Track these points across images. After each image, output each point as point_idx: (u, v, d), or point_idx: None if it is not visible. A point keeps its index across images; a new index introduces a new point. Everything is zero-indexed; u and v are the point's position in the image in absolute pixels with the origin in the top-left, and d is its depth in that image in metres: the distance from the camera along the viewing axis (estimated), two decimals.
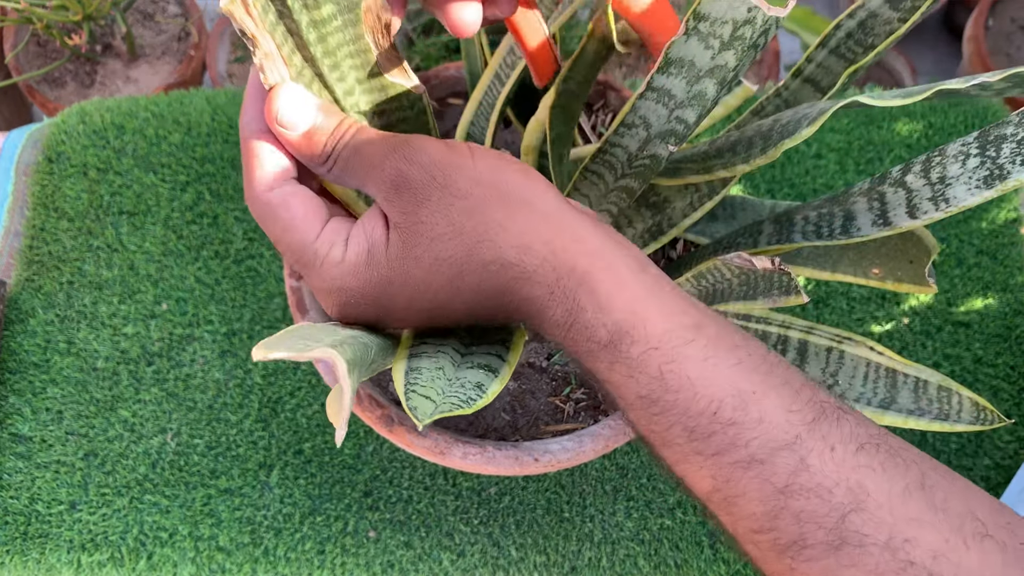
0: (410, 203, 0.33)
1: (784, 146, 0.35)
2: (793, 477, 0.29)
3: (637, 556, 0.64)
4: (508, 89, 0.49)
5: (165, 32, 1.14)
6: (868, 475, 0.29)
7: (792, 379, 0.32)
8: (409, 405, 0.31)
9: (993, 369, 0.70)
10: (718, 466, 0.30)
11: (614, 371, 0.32)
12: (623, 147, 0.40)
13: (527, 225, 0.33)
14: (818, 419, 0.30)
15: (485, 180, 0.33)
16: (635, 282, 0.32)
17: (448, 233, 0.33)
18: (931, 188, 0.35)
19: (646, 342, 0.31)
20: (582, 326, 0.32)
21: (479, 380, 0.35)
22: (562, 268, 0.32)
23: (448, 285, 0.33)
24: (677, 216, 0.45)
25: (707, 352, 0.31)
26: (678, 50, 0.34)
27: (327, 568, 0.64)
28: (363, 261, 0.34)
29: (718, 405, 0.30)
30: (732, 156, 0.39)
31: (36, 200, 0.74)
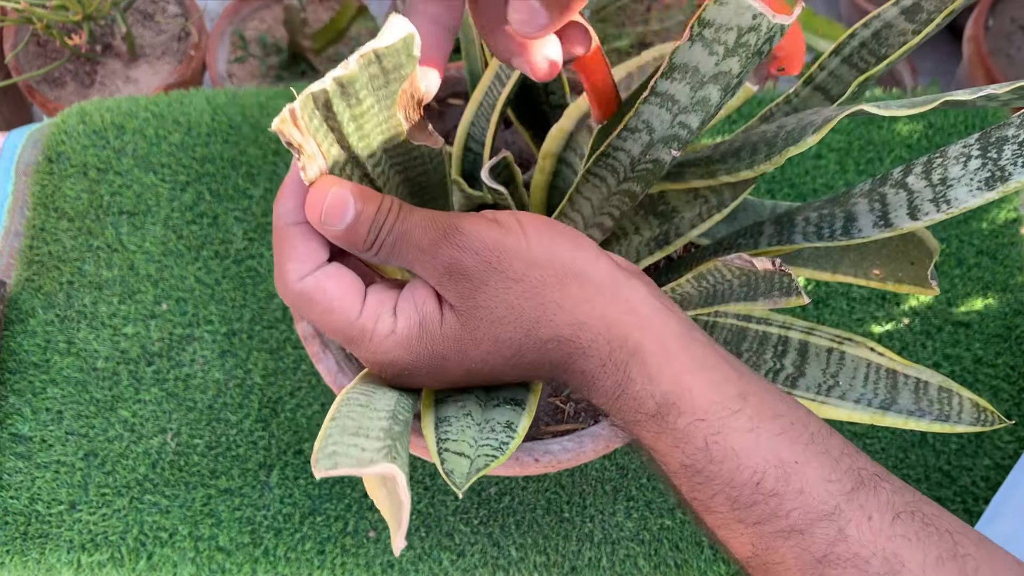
0: (466, 288, 0.33)
1: (788, 153, 0.35)
2: (831, 547, 0.30)
3: (637, 556, 0.64)
4: (509, 90, 0.49)
5: (165, 32, 1.14)
6: (904, 545, 0.30)
7: (832, 447, 0.33)
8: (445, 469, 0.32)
9: (993, 369, 0.70)
10: (758, 535, 0.31)
11: (660, 440, 0.33)
12: (626, 151, 0.40)
13: (581, 300, 0.34)
14: (856, 488, 0.31)
15: (540, 260, 0.34)
16: (683, 352, 0.33)
17: (507, 317, 0.33)
18: (932, 189, 0.35)
19: (692, 413, 0.32)
20: (631, 396, 0.33)
21: (508, 419, 0.35)
22: (615, 341, 0.33)
23: (505, 362, 0.34)
24: (685, 227, 0.45)
25: (752, 423, 0.32)
26: (682, 56, 0.34)
27: (327, 568, 0.64)
28: (415, 335, 0.34)
29: (761, 476, 0.31)
30: (736, 161, 0.39)
31: (36, 200, 0.74)
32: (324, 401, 0.68)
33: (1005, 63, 1.17)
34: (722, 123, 0.79)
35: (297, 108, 0.30)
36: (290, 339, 0.70)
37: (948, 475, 0.67)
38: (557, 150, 0.47)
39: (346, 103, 0.31)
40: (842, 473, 0.32)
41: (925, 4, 0.37)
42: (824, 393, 0.43)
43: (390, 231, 0.34)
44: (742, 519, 0.32)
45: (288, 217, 0.34)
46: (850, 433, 0.68)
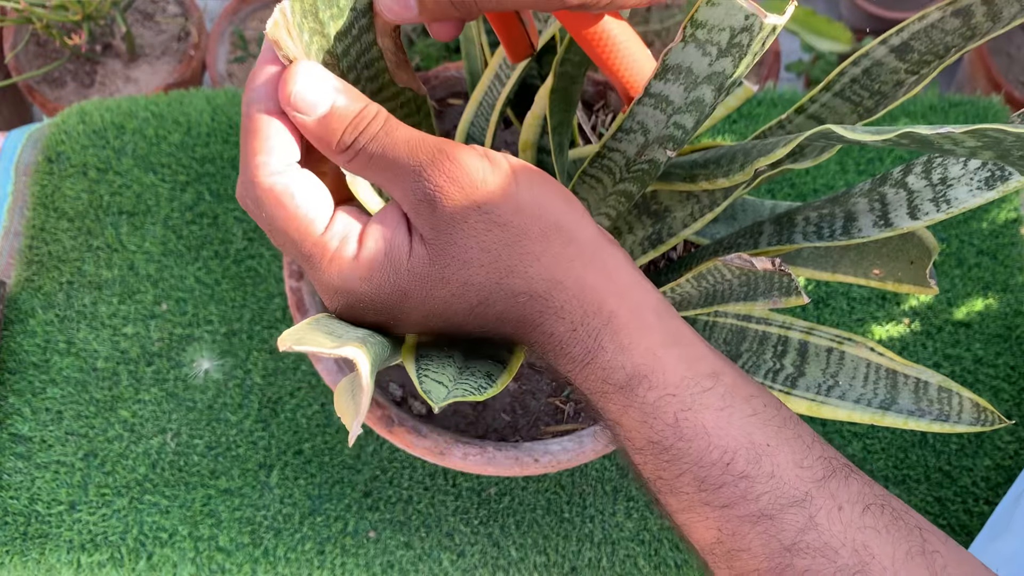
0: (444, 221, 0.31)
1: (759, 163, 0.35)
2: (801, 535, 0.29)
3: (637, 556, 0.64)
4: (508, 89, 0.49)
5: (165, 32, 1.14)
6: (873, 537, 0.29)
7: (803, 434, 0.31)
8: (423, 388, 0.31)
9: (993, 369, 0.70)
10: (725, 519, 0.30)
11: (627, 414, 0.31)
12: (621, 152, 0.40)
13: (562, 258, 0.32)
14: (828, 477, 0.30)
15: (527, 209, 0.32)
16: (658, 326, 0.32)
17: (481, 259, 0.31)
18: (932, 189, 0.35)
19: (663, 387, 0.31)
20: (599, 366, 0.31)
21: (488, 370, 0.35)
22: (589, 306, 0.31)
23: (470, 310, 0.32)
24: (677, 226, 0.45)
25: (724, 401, 0.31)
26: (676, 57, 0.34)
27: (327, 568, 0.64)
28: (378, 266, 0.31)
29: (731, 456, 0.30)
30: (716, 168, 0.39)
31: (36, 200, 0.74)
32: (324, 401, 0.68)
33: (1005, 63, 1.17)
34: (722, 123, 0.79)
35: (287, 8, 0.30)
36: None
37: (948, 475, 0.67)
38: (535, 138, 0.47)
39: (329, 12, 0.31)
40: (814, 460, 0.30)
41: (915, 44, 0.37)
42: (824, 393, 0.43)
43: (372, 138, 0.31)
44: (709, 501, 0.30)
45: (261, 104, 0.31)
46: (850, 433, 0.68)
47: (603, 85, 0.59)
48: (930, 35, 0.37)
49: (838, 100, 0.41)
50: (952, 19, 0.36)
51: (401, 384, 0.57)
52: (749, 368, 0.45)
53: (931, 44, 0.37)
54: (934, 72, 0.37)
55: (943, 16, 0.36)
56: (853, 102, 0.40)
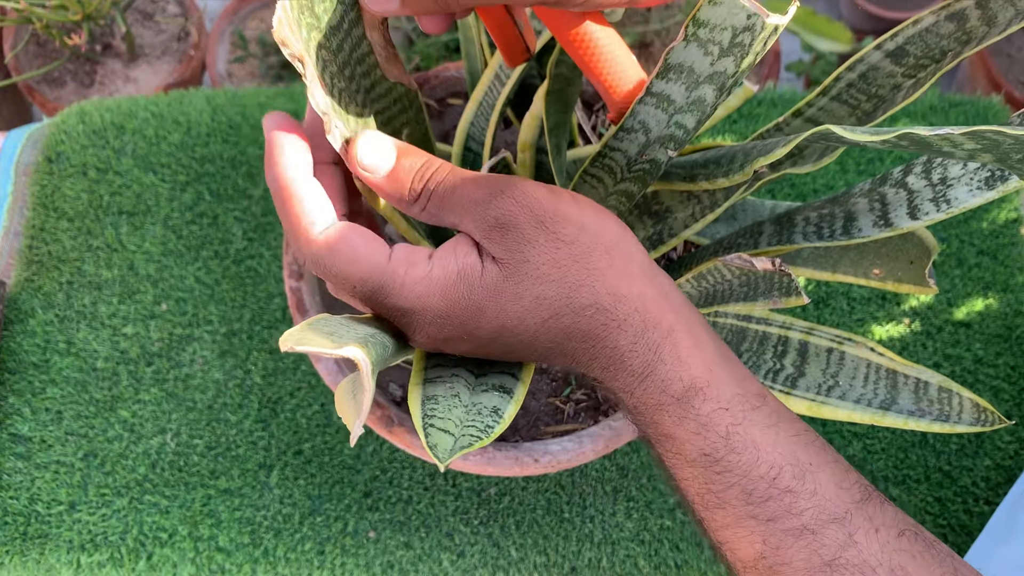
0: (516, 242, 0.33)
1: (758, 163, 0.35)
2: (841, 551, 0.31)
3: (637, 556, 0.64)
4: (508, 89, 0.49)
5: (165, 32, 1.14)
6: (909, 560, 0.31)
7: (840, 459, 0.33)
8: (429, 443, 0.32)
9: (994, 370, 0.70)
10: (770, 532, 0.32)
11: (681, 426, 0.33)
12: (622, 151, 0.40)
13: (624, 274, 0.34)
14: (865, 500, 0.32)
15: (591, 228, 0.34)
16: (712, 344, 0.34)
17: (552, 275, 0.33)
18: (932, 189, 0.35)
19: (717, 401, 0.33)
20: (659, 377, 0.33)
21: (495, 404, 0.35)
22: (650, 321, 0.33)
23: (541, 324, 0.34)
24: (678, 227, 0.45)
25: (772, 420, 0.33)
26: (677, 56, 0.34)
27: (327, 568, 0.64)
28: (452, 282, 0.33)
29: (778, 471, 0.32)
30: (715, 168, 0.39)
31: (36, 200, 0.74)
32: (324, 401, 0.68)
33: (1005, 63, 1.17)
34: (722, 123, 0.79)
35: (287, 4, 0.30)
36: None
37: (948, 475, 0.67)
38: (534, 139, 0.47)
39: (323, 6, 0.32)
40: (852, 483, 0.32)
41: (911, 48, 0.37)
42: (824, 393, 0.43)
43: (441, 182, 0.34)
44: (755, 515, 0.32)
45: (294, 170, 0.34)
46: (850, 433, 0.68)
47: None
48: (925, 39, 0.37)
49: (835, 104, 0.41)
50: (946, 23, 0.36)
51: (401, 384, 0.57)
52: (749, 368, 0.45)
53: (927, 48, 0.37)
54: (932, 77, 0.37)
55: (937, 20, 0.36)
56: (851, 105, 0.40)
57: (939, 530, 0.66)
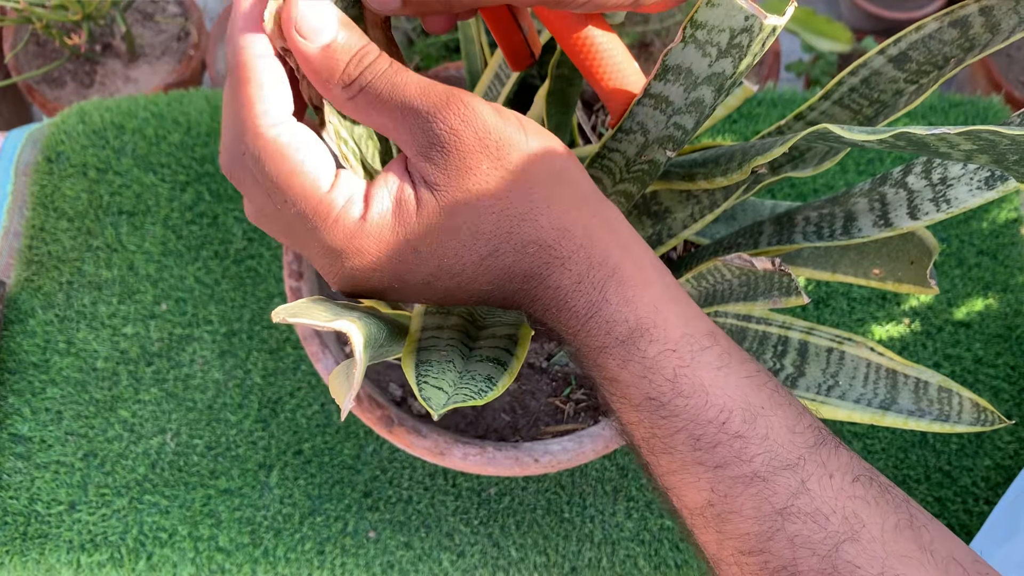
0: (456, 167, 0.30)
1: (756, 161, 0.35)
2: (793, 499, 0.29)
3: (637, 556, 0.64)
4: (508, 89, 0.49)
5: (165, 32, 1.14)
6: (863, 507, 0.29)
7: (794, 402, 0.31)
8: (423, 395, 0.31)
9: (994, 369, 0.70)
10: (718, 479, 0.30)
11: (626, 369, 0.31)
12: (621, 152, 0.40)
13: (570, 205, 0.31)
14: (819, 445, 0.30)
15: (537, 155, 0.31)
16: (659, 281, 0.32)
17: (492, 207, 0.30)
18: (932, 189, 0.35)
19: (664, 342, 0.30)
20: (603, 318, 0.31)
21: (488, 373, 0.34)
22: (596, 257, 0.31)
23: (479, 263, 0.31)
24: (677, 227, 0.45)
25: (722, 361, 0.31)
26: (675, 57, 0.34)
27: (327, 568, 0.64)
28: (387, 223, 0.30)
29: (727, 415, 0.30)
30: (714, 167, 0.39)
31: (36, 200, 0.74)
32: (324, 401, 0.68)
33: (1005, 63, 1.17)
34: (722, 123, 0.79)
35: None
36: (290, 339, 0.70)
37: (948, 475, 0.67)
38: None
39: None
40: (805, 427, 0.30)
41: (913, 54, 0.37)
42: (824, 393, 0.43)
43: (379, 75, 0.29)
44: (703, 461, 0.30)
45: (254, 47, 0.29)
46: (850, 433, 0.68)
47: None
48: (928, 45, 0.37)
49: (837, 108, 0.41)
50: (950, 30, 0.36)
51: (401, 384, 0.57)
52: None
53: (929, 54, 0.37)
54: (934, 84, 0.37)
55: (940, 27, 0.36)
56: (852, 110, 0.40)
57: None
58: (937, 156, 0.29)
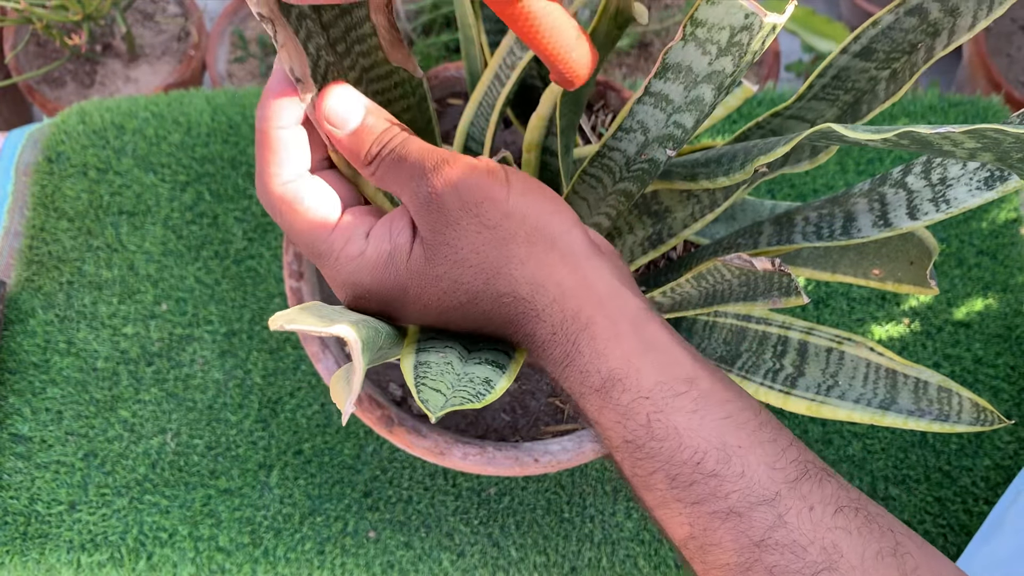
0: (440, 223, 0.34)
1: (758, 162, 0.36)
2: (770, 532, 0.30)
3: (637, 556, 0.64)
4: (508, 89, 0.49)
5: (165, 32, 1.14)
6: (844, 537, 0.30)
7: (780, 438, 0.33)
8: (421, 398, 0.32)
9: (993, 369, 0.70)
10: (696, 515, 0.31)
11: (603, 414, 0.33)
12: (621, 151, 0.40)
13: (545, 263, 0.34)
14: (800, 479, 0.31)
15: (516, 214, 0.34)
16: (634, 335, 0.33)
17: (470, 260, 0.34)
18: (932, 189, 0.35)
19: (637, 391, 0.32)
20: (577, 368, 0.33)
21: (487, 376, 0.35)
22: (568, 312, 0.33)
23: (460, 308, 0.35)
24: (678, 226, 0.46)
25: (696, 405, 0.32)
26: (675, 55, 0.34)
27: (327, 568, 0.64)
28: (382, 262, 0.34)
29: (702, 456, 0.31)
30: (716, 167, 0.39)
31: (36, 200, 0.74)
32: (324, 401, 0.68)
33: (1005, 63, 1.17)
34: (722, 123, 0.79)
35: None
36: (290, 339, 0.70)
37: (948, 475, 0.67)
38: (540, 140, 0.47)
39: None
40: (787, 463, 0.32)
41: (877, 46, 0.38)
42: (824, 393, 0.43)
43: (392, 150, 0.34)
44: (680, 498, 0.32)
45: (274, 120, 0.34)
46: (850, 433, 0.68)
47: (603, 85, 0.59)
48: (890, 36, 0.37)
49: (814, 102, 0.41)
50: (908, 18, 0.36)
51: (401, 384, 0.57)
52: (749, 368, 0.45)
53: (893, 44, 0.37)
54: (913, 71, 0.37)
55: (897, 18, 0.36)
56: (829, 100, 0.40)
57: (939, 530, 0.66)
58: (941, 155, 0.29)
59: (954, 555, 0.65)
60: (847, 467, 0.67)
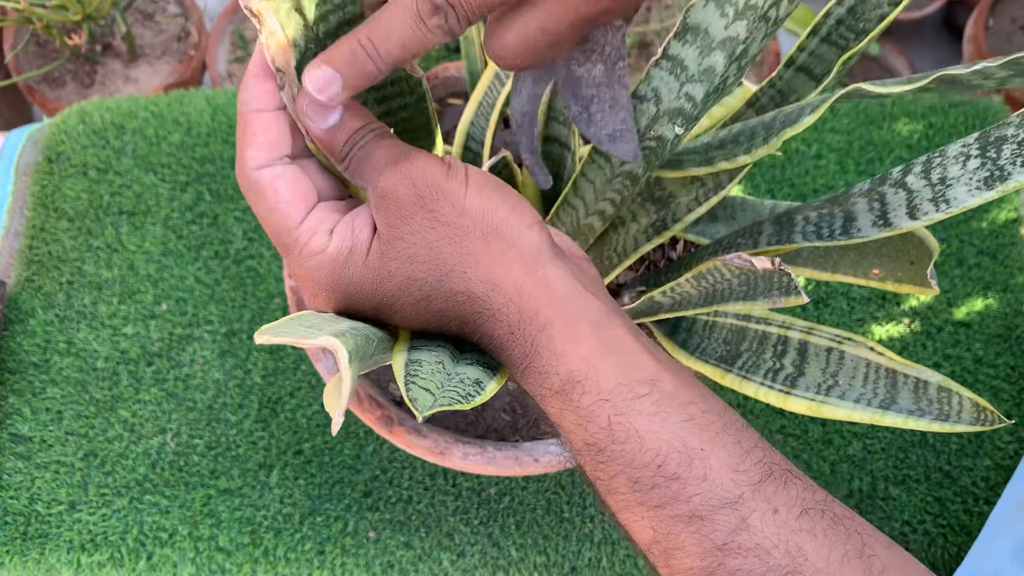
0: (394, 217, 0.33)
1: (786, 134, 0.35)
2: (733, 536, 0.30)
3: (637, 556, 0.64)
4: (508, 90, 0.49)
5: (165, 32, 1.14)
6: (808, 540, 0.30)
7: (745, 439, 0.32)
8: (409, 396, 0.31)
9: (993, 369, 0.70)
10: (659, 518, 0.31)
11: (564, 417, 0.33)
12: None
13: (501, 262, 0.33)
14: (764, 480, 0.31)
15: (471, 211, 0.33)
16: (594, 336, 0.33)
17: (424, 255, 0.33)
18: (932, 189, 0.35)
19: (597, 393, 0.32)
20: (536, 370, 0.33)
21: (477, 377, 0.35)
22: (526, 312, 0.33)
23: (415, 305, 0.34)
24: (682, 211, 0.45)
25: (658, 407, 0.32)
26: (696, 16, 0.35)
27: (327, 568, 0.64)
28: (342, 259, 0.34)
29: (663, 459, 0.31)
30: (735, 147, 0.39)
31: (36, 200, 0.74)
32: (324, 402, 0.68)
33: None
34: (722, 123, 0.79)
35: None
36: None
37: (948, 475, 0.67)
38: (541, 130, 0.47)
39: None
40: (751, 464, 0.31)
41: None
42: (824, 393, 0.43)
43: (362, 147, 0.35)
44: (643, 501, 0.31)
45: (253, 103, 0.34)
46: (850, 433, 0.68)
47: None
48: None
49: (825, 46, 0.41)
50: None
51: None
52: (749, 368, 0.45)
53: None
54: None
55: None
56: (840, 46, 0.40)
57: (939, 530, 0.66)
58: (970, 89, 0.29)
59: (954, 555, 0.65)
60: (847, 467, 0.67)
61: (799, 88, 0.43)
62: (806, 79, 0.43)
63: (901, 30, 1.38)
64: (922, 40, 1.41)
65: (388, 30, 0.32)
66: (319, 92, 0.33)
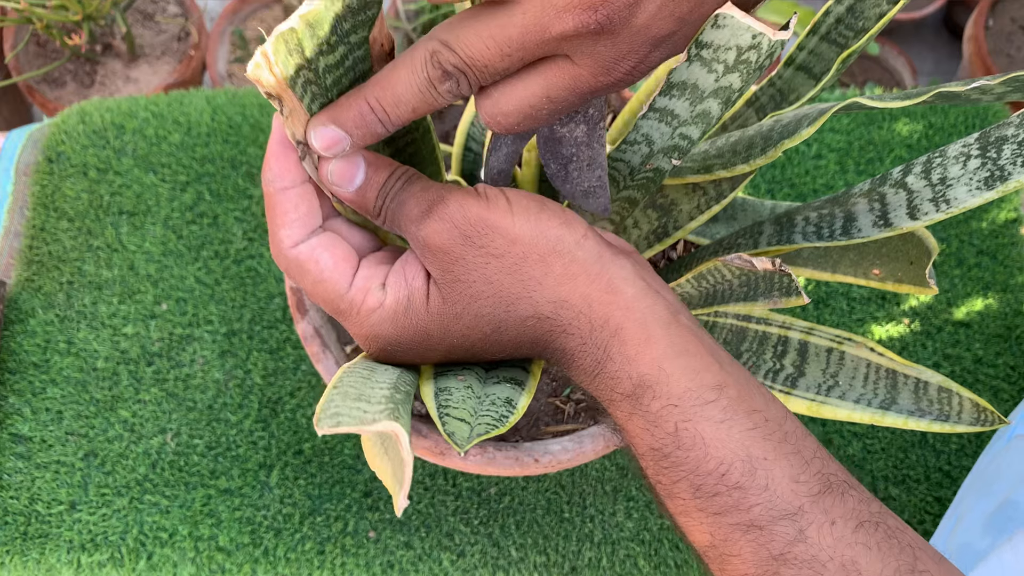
0: (445, 262, 0.34)
1: (784, 146, 0.35)
2: (790, 547, 0.30)
3: (637, 556, 0.64)
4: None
5: (165, 32, 1.14)
6: (863, 553, 0.30)
7: (805, 448, 0.32)
8: (446, 430, 0.32)
9: (993, 369, 0.70)
10: (718, 525, 0.31)
11: (631, 421, 0.33)
12: (625, 162, 0.40)
13: (564, 278, 0.34)
14: (823, 493, 0.31)
15: (524, 238, 0.34)
16: (664, 338, 0.33)
17: (485, 291, 0.34)
18: (932, 189, 0.35)
19: (667, 398, 0.32)
20: (608, 375, 0.33)
21: (508, 395, 0.35)
22: (596, 321, 0.33)
23: (486, 338, 0.35)
24: (683, 219, 0.45)
25: (725, 415, 0.32)
26: (680, 75, 0.34)
27: (327, 568, 0.64)
28: (402, 310, 0.34)
29: (727, 468, 0.31)
30: (733, 156, 0.39)
31: (36, 200, 0.74)
32: None
33: (1005, 63, 1.17)
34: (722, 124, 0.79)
35: (269, 52, 0.29)
36: (290, 339, 0.70)
37: (948, 475, 0.67)
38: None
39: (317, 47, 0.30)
40: (811, 476, 0.32)
41: None
42: (824, 393, 0.43)
43: (393, 199, 0.35)
44: (703, 508, 0.32)
45: (278, 182, 0.35)
46: (850, 433, 0.68)
47: None
48: None
49: (824, 44, 0.40)
50: None
51: None
52: (749, 368, 0.45)
53: None
54: None
55: None
56: (839, 44, 0.40)
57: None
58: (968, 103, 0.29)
59: None
60: (847, 467, 0.67)
61: (799, 87, 0.43)
62: (805, 78, 0.43)
63: (901, 30, 1.38)
64: (922, 40, 1.41)
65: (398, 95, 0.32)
66: (326, 151, 0.33)
